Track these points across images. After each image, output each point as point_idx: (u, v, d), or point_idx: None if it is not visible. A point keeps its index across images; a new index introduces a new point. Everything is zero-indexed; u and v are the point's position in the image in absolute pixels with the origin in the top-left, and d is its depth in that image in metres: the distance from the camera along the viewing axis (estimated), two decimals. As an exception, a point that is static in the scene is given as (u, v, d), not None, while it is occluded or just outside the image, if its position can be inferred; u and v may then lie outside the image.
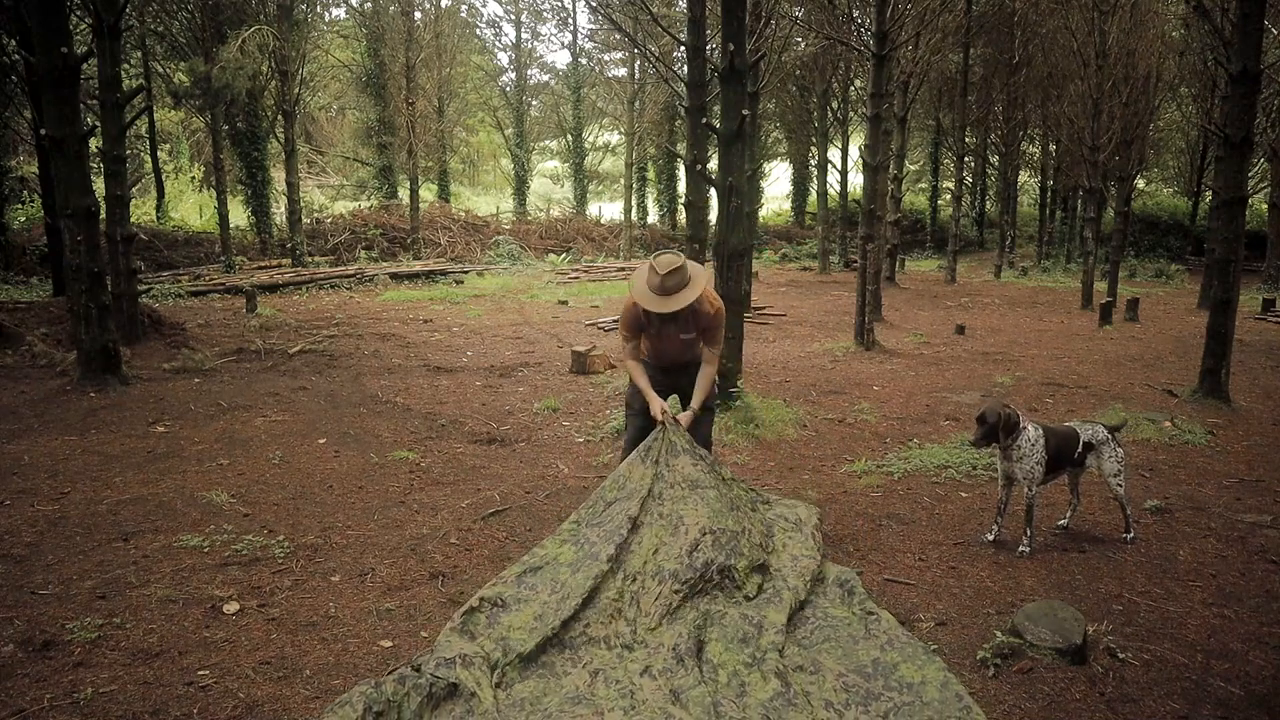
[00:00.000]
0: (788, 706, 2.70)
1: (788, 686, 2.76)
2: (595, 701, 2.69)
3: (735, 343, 7.02)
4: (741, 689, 2.79)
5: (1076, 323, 13.86)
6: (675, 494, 3.63)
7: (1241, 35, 7.42)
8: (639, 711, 2.64)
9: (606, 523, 3.54)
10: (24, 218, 17.85)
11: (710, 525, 3.49)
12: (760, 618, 3.18)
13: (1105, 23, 14.32)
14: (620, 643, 3.03)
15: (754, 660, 2.93)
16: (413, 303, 15.27)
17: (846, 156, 22.78)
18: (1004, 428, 4.20)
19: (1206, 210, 23.08)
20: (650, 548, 3.42)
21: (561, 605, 3.12)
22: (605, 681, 2.81)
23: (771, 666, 2.86)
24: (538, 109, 33.36)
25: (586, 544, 3.46)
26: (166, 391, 7.78)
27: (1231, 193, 7.76)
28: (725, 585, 3.34)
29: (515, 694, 2.75)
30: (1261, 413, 7.60)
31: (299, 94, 19.28)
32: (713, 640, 3.02)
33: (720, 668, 2.91)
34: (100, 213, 8.16)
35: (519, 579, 3.34)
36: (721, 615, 3.18)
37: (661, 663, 2.94)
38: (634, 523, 3.49)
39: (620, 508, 3.60)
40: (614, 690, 2.78)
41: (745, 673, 2.87)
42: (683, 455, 3.81)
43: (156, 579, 3.89)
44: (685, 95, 10.42)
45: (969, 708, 2.68)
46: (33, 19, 7.92)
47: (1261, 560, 4.27)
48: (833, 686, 2.82)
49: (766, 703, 2.72)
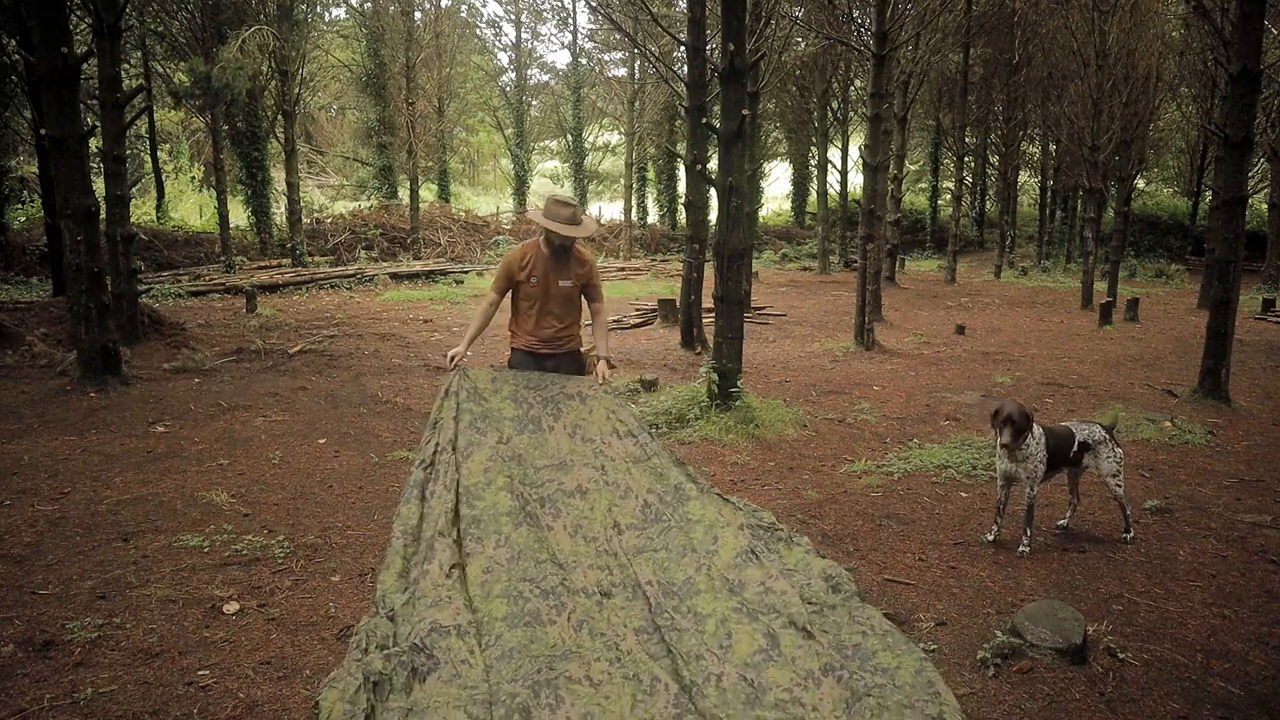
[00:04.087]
0: (768, 663, 2.76)
1: (774, 644, 2.82)
2: (582, 654, 2.79)
3: (735, 343, 7.02)
4: (728, 638, 2.88)
5: (1076, 323, 13.86)
6: (618, 467, 3.77)
7: (1241, 35, 7.43)
8: (622, 663, 2.75)
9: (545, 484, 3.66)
10: (24, 218, 17.86)
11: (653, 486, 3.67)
12: (715, 548, 3.33)
13: (1105, 23, 14.32)
14: (599, 590, 3.14)
15: (743, 607, 3.01)
16: (413, 303, 15.27)
17: (846, 156, 22.79)
18: (1023, 428, 4.19)
19: (1206, 210, 23.08)
20: (604, 509, 3.58)
21: (514, 564, 3.22)
22: (590, 634, 2.89)
23: (763, 626, 2.92)
24: (538, 109, 33.37)
25: (522, 499, 3.56)
26: (166, 391, 7.79)
27: (1231, 193, 7.76)
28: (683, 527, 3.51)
29: (504, 643, 2.83)
30: (1261, 413, 7.60)
31: (299, 94, 19.28)
32: (701, 592, 3.12)
33: (708, 616, 2.98)
34: (100, 213, 8.17)
35: (455, 526, 3.43)
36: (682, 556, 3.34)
37: (639, 613, 3.04)
38: (581, 490, 3.65)
39: (551, 475, 3.71)
40: (599, 642, 2.86)
41: (734, 620, 2.94)
42: (626, 438, 3.90)
43: (156, 579, 3.89)
44: (685, 95, 10.44)
45: (939, 694, 2.67)
46: (33, 19, 7.93)
47: (1261, 560, 4.28)
48: (815, 651, 2.85)
49: (749, 658, 2.78)
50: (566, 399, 4.01)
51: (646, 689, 2.65)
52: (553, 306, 4.23)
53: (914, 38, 13.79)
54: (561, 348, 4.31)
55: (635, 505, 3.60)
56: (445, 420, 3.81)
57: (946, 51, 18.87)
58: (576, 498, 3.62)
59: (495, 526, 3.37)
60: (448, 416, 3.83)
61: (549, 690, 2.61)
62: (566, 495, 3.62)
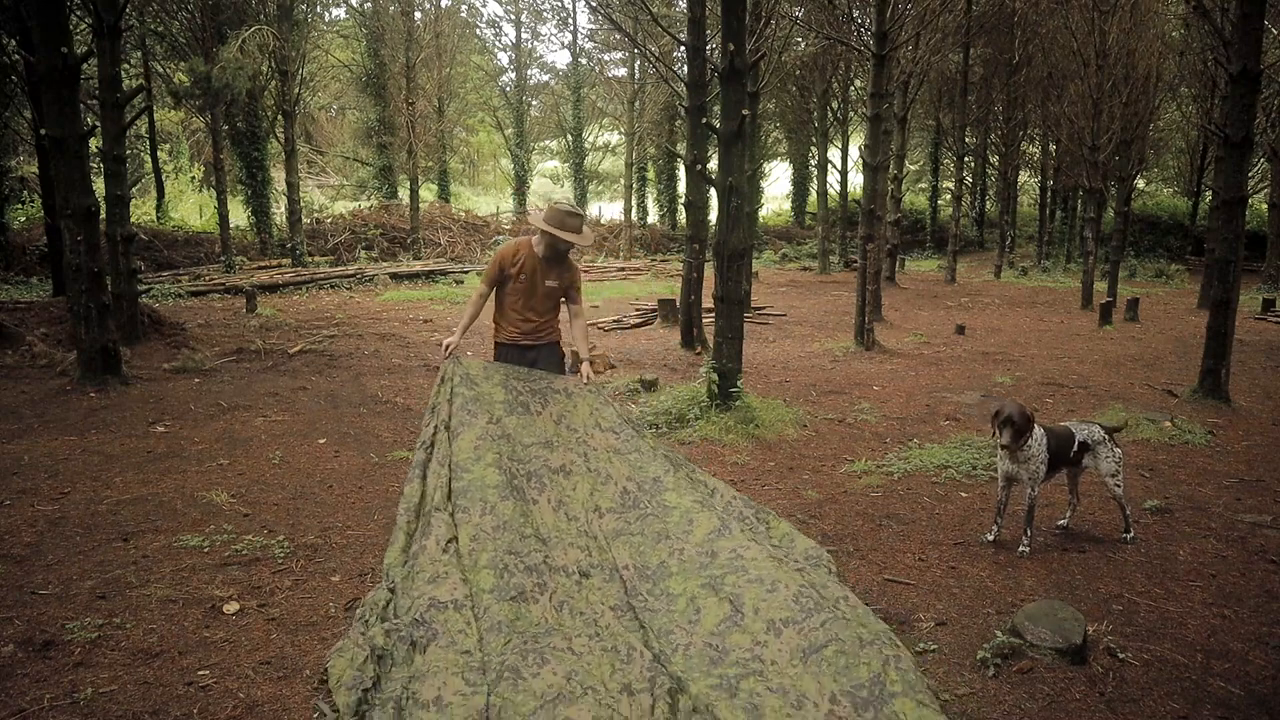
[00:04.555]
0: (732, 630, 2.99)
1: (738, 611, 3.05)
2: (564, 630, 3.01)
3: (735, 343, 7.02)
4: (696, 613, 3.11)
5: (1076, 323, 13.87)
6: (600, 455, 3.97)
7: (1241, 35, 7.43)
8: (601, 638, 2.99)
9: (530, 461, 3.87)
10: (24, 218, 17.85)
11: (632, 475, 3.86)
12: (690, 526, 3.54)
13: (1105, 23, 14.32)
14: (578, 570, 3.35)
15: (710, 582, 3.21)
16: (413, 303, 15.28)
17: (846, 156, 22.78)
18: (1023, 429, 4.18)
19: (1206, 210, 23.08)
20: (585, 492, 3.80)
21: (499, 534, 3.40)
22: (570, 613, 3.12)
23: (728, 592, 3.13)
24: (538, 109, 33.35)
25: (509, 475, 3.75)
26: (166, 391, 7.79)
27: (1231, 193, 7.76)
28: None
29: (492, 616, 3.02)
30: (1261, 413, 7.60)
31: (299, 94, 19.28)
32: (673, 574, 3.33)
33: (679, 596, 3.21)
34: (100, 213, 8.17)
35: (451, 501, 3.59)
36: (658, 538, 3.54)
37: (615, 593, 3.28)
38: (565, 470, 3.87)
39: (536, 452, 3.91)
40: (579, 620, 3.09)
41: (702, 596, 3.16)
42: (608, 432, 4.08)
43: (156, 579, 3.89)
44: (685, 95, 10.44)
45: (897, 644, 2.86)
46: (33, 19, 7.93)
47: (1261, 560, 4.28)
48: (779, 603, 3.06)
49: (715, 628, 3.02)
50: (553, 392, 4.24)
51: (624, 658, 2.90)
52: (536, 303, 4.46)
53: (914, 38, 13.79)
54: (543, 339, 4.56)
55: (615, 491, 3.80)
56: (441, 404, 4.01)
57: (946, 51, 18.87)
58: (560, 476, 3.84)
59: (482, 495, 3.55)
60: (443, 400, 4.03)
61: (535, 655, 2.83)
62: (551, 472, 3.83)
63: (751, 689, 2.76)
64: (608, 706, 2.64)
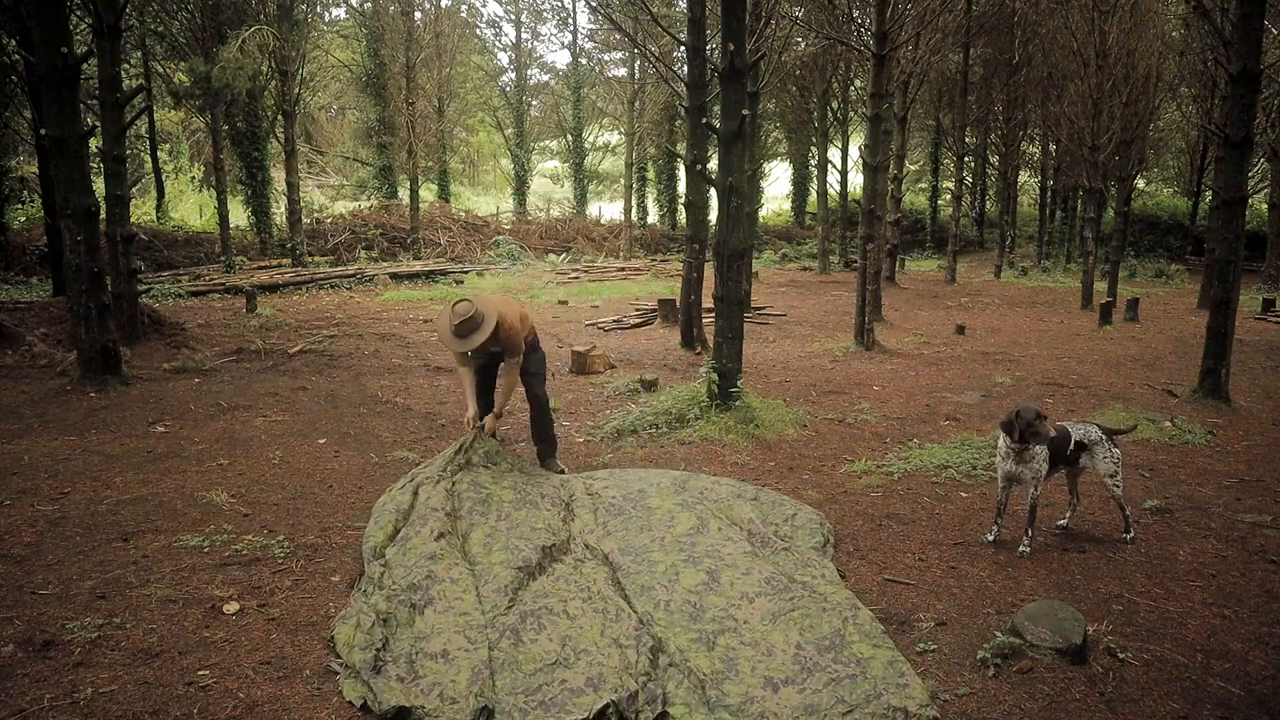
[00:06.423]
0: (708, 592, 3.56)
1: (715, 580, 3.64)
2: (560, 594, 3.58)
3: (735, 343, 7.02)
4: (676, 575, 3.70)
5: (1076, 323, 13.86)
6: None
7: (1241, 35, 7.42)
8: (592, 601, 3.51)
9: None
10: (24, 218, 17.84)
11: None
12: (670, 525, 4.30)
13: (1105, 23, 14.31)
14: (574, 560, 3.99)
15: (690, 559, 3.84)
16: (413, 303, 15.27)
17: (846, 156, 22.76)
18: (1037, 431, 4.17)
19: (1206, 210, 23.07)
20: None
21: (512, 531, 4.13)
22: (567, 583, 3.70)
23: (706, 566, 3.75)
24: (538, 109, 33.33)
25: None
26: (166, 391, 7.79)
27: (1231, 193, 7.76)
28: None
29: (499, 579, 3.65)
30: (1261, 413, 7.60)
31: (299, 94, 19.26)
32: (654, 552, 3.94)
33: (659, 563, 3.84)
34: (100, 213, 8.16)
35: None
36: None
37: (606, 572, 3.85)
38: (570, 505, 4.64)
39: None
40: (574, 587, 3.66)
41: (681, 565, 3.79)
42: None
43: (156, 579, 3.89)
44: (685, 95, 10.44)
45: (858, 605, 3.51)
46: (33, 19, 7.92)
47: (1261, 560, 4.28)
48: (756, 584, 3.63)
49: (693, 588, 3.60)
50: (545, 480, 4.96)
51: (613, 618, 3.38)
52: (487, 358, 5.26)
53: (914, 38, 13.78)
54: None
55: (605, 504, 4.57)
56: (455, 462, 4.71)
57: (946, 51, 18.86)
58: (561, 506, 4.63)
59: (498, 508, 4.32)
60: (459, 460, 4.72)
61: (533, 619, 3.35)
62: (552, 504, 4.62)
63: (727, 644, 3.22)
64: (598, 664, 3.04)
